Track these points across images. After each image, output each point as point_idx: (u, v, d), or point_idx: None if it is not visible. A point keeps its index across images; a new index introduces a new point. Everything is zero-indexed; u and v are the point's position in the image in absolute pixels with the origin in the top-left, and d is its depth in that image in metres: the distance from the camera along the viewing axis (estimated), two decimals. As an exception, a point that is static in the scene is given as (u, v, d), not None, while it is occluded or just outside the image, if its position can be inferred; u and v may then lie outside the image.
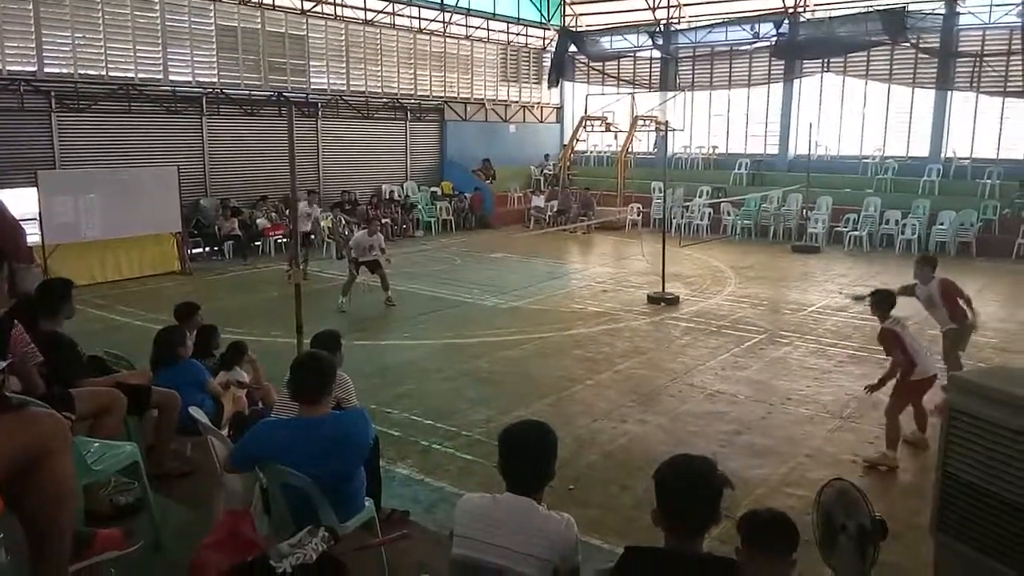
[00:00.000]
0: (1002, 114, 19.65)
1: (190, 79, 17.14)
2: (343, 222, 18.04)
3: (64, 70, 15.24)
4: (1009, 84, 18.81)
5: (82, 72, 15.43)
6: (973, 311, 7.59)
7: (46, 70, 14.90)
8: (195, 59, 17.18)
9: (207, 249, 16.56)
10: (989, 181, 18.50)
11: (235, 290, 13.51)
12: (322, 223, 17.61)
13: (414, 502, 5.54)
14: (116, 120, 16.12)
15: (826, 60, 21.19)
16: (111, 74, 15.84)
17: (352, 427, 3.78)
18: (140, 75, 16.26)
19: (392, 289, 12.21)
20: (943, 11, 19.40)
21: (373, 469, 4.54)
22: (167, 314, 6.99)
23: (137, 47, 16.16)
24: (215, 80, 17.52)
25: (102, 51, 15.68)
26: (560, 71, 26.08)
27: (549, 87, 26.44)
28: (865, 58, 20.63)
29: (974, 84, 19.35)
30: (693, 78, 24.09)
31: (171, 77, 16.77)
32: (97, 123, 15.85)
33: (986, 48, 19.22)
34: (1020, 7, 18.22)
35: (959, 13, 19.44)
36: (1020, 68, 18.43)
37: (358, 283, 12.28)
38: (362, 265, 12.12)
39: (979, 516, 3.79)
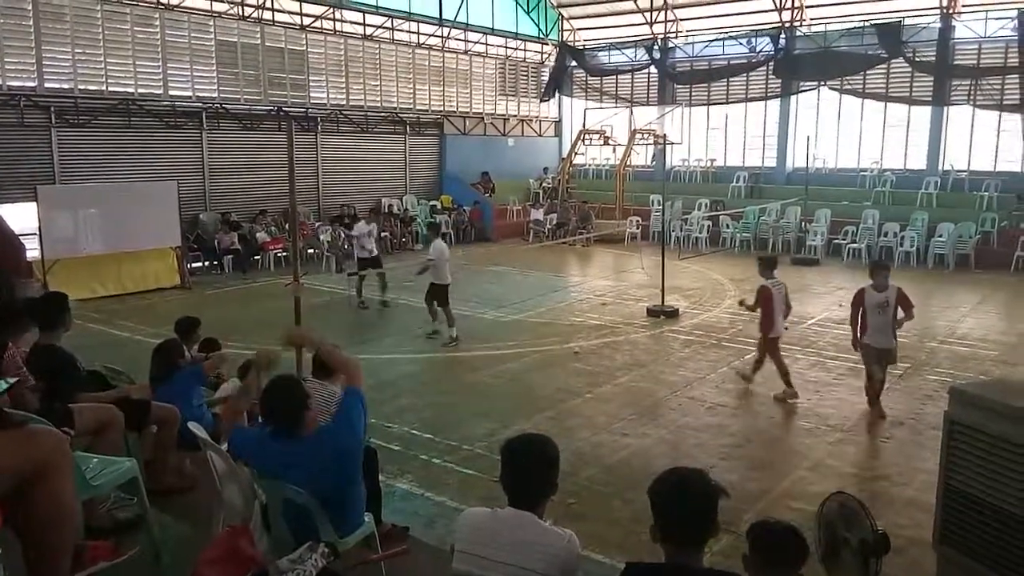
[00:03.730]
0: (999, 127, 19.72)
1: (190, 94, 17.21)
2: (342, 236, 18.04)
3: (64, 85, 15.29)
4: (1006, 98, 18.89)
5: (82, 87, 15.49)
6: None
7: (46, 85, 14.95)
8: (195, 74, 17.25)
9: (207, 263, 16.57)
10: (987, 193, 18.56)
11: (235, 304, 13.49)
12: (321, 237, 17.64)
13: (414, 517, 5.51)
14: (116, 135, 16.17)
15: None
16: (111, 89, 15.90)
17: (334, 441, 3.75)
18: (140, 90, 16.32)
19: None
20: (939, 24, 19.53)
21: (372, 484, 4.52)
22: (167, 328, 6.98)
23: (137, 62, 16.22)
24: (215, 95, 17.59)
25: (102, 66, 15.74)
26: (557, 85, 26.23)
27: (541, 100, 26.56)
28: (862, 75, 20.72)
29: (971, 99, 19.43)
30: (691, 93, 24.21)
31: (171, 92, 16.84)
32: (97, 138, 15.90)
33: (982, 62, 19.32)
34: (1015, 21, 18.34)
35: (955, 27, 19.56)
36: (1017, 82, 18.52)
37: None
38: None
39: (982, 529, 3.78)
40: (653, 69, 24.47)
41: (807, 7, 21.75)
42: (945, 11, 19.44)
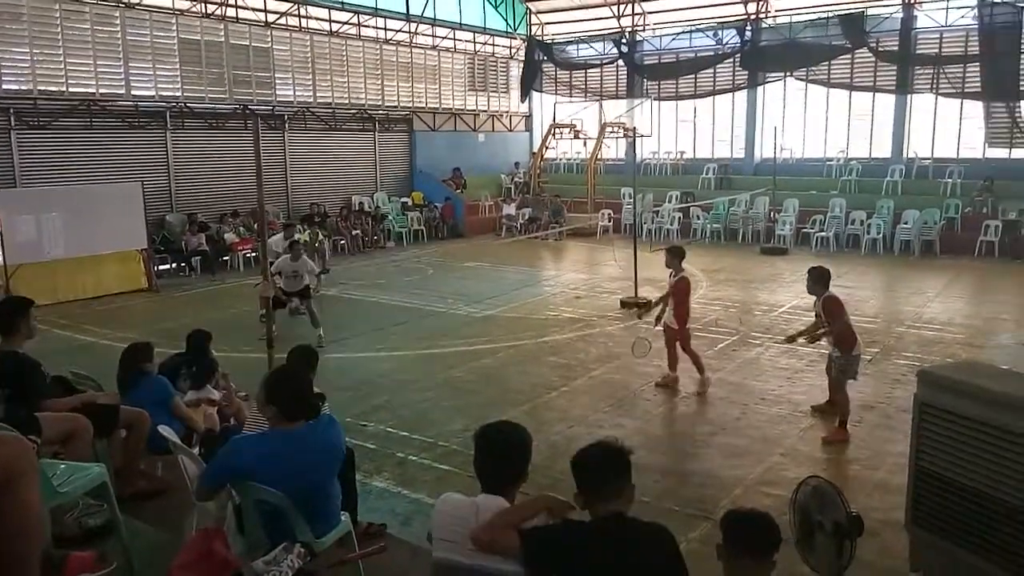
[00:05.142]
0: (961, 114, 20.06)
1: (153, 94, 16.92)
2: (318, 236, 17.87)
3: (23, 87, 14.97)
4: (967, 85, 19.21)
5: (41, 88, 15.17)
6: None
7: (4, 87, 14.62)
8: (158, 73, 16.97)
9: (174, 265, 16.32)
10: (950, 180, 18.89)
11: (204, 306, 13.30)
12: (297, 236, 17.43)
13: (391, 515, 5.48)
14: (78, 136, 15.85)
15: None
16: (71, 90, 15.58)
17: (327, 434, 3.73)
18: (101, 90, 16.02)
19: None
20: (901, 14, 19.80)
21: (349, 483, 4.48)
22: (135, 332, 6.88)
23: (98, 62, 15.92)
24: (178, 94, 17.32)
25: (62, 67, 15.42)
26: (532, 83, 26.17)
27: (521, 100, 26.60)
28: (827, 65, 20.96)
29: (933, 87, 19.74)
30: (659, 86, 24.32)
31: (133, 92, 16.55)
32: (58, 140, 15.57)
33: (944, 51, 19.62)
34: (975, 9, 18.64)
35: (916, 16, 19.84)
36: (977, 69, 18.84)
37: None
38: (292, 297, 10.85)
39: (952, 508, 3.84)
40: (622, 63, 24.55)
41: (772, -1, 21.96)
42: (907, 1, 19.72)
